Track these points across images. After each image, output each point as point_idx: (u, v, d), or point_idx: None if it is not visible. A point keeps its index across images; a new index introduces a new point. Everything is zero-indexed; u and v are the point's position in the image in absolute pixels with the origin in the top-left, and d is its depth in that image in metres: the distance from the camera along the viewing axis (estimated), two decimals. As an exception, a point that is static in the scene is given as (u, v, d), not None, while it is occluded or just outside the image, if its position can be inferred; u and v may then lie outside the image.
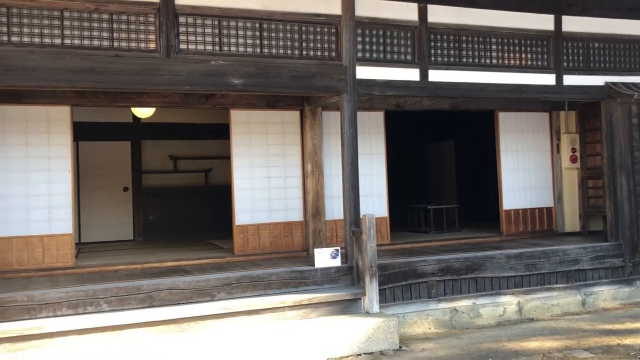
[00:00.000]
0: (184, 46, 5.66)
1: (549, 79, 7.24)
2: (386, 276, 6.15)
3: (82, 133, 8.63)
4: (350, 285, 5.94)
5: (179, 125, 10.63)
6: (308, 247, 7.35)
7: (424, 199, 11.69)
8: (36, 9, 5.23)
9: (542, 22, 7.22)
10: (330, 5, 6.19)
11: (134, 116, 9.80)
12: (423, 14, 6.64)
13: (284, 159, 7.50)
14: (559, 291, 7.00)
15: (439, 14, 6.70)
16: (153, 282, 5.37)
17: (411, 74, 6.58)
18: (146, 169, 10.67)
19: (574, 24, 7.36)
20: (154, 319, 5.08)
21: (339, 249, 6.06)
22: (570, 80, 7.33)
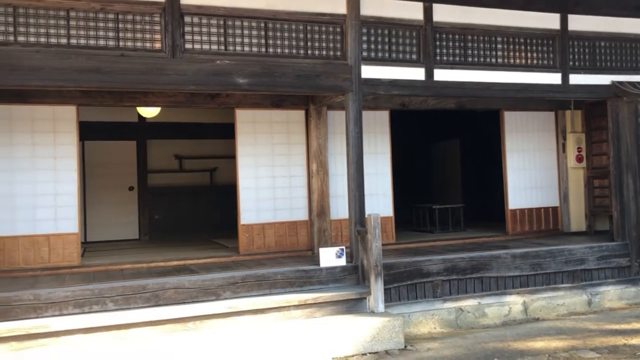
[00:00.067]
0: (189, 45, 5.67)
1: (554, 78, 7.22)
2: (391, 275, 6.15)
3: (87, 132, 8.67)
4: (355, 284, 5.94)
5: (184, 125, 10.65)
6: (313, 246, 7.35)
7: (429, 198, 11.67)
8: (42, 8, 5.25)
9: (548, 20, 7.20)
10: (335, 4, 6.19)
11: (139, 115, 9.84)
12: (428, 12, 6.63)
13: (288, 158, 7.50)
14: (564, 291, 6.98)
15: (444, 12, 6.69)
16: (158, 280, 5.39)
17: (416, 73, 6.58)
18: (151, 168, 10.70)
19: (579, 23, 7.34)
20: (160, 318, 5.09)
21: (343, 248, 6.06)
22: (576, 79, 7.31)
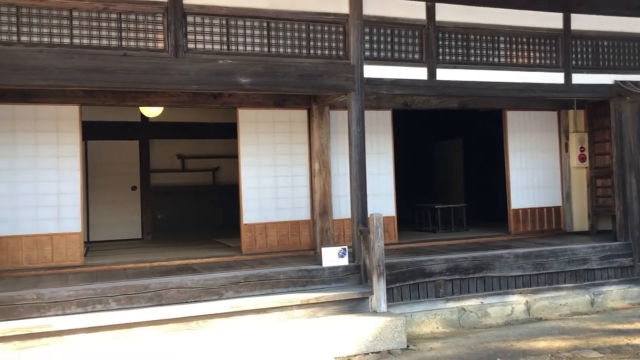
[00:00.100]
0: (191, 45, 5.68)
1: (557, 78, 7.20)
2: (393, 275, 6.15)
3: (90, 132, 8.67)
4: (357, 284, 5.94)
5: (186, 124, 10.65)
6: (315, 245, 7.36)
7: (432, 198, 11.66)
8: (45, 8, 5.26)
9: (551, 20, 7.19)
10: (337, 3, 6.19)
11: (142, 115, 9.85)
12: (431, 12, 6.63)
13: (291, 157, 7.50)
14: (567, 290, 6.97)
15: (447, 12, 6.68)
16: (161, 280, 5.39)
17: (419, 73, 6.58)
18: (154, 168, 10.71)
19: (582, 22, 7.32)
20: (162, 317, 5.10)
21: (346, 247, 6.06)
22: (578, 78, 7.30)
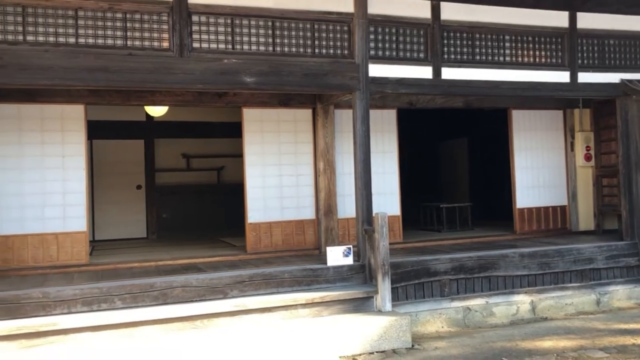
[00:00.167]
0: (196, 44, 5.68)
1: (563, 76, 7.18)
2: (398, 274, 6.14)
3: (95, 131, 8.69)
4: (362, 283, 5.94)
5: (191, 124, 10.67)
6: (320, 245, 7.35)
7: (437, 197, 11.64)
8: (50, 8, 5.28)
9: (557, 18, 7.16)
10: (342, 3, 6.18)
11: (147, 114, 9.87)
12: (436, 11, 6.62)
13: (295, 156, 7.50)
14: (572, 290, 6.94)
15: (452, 11, 6.67)
16: (166, 279, 5.41)
17: (424, 72, 6.57)
18: (159, 167, 10.72)
19: (588, 20, 7.30)
20: (167, 316, 5.11)
21: (351, 247, 6.06)
22: (584, 77, 7.27)
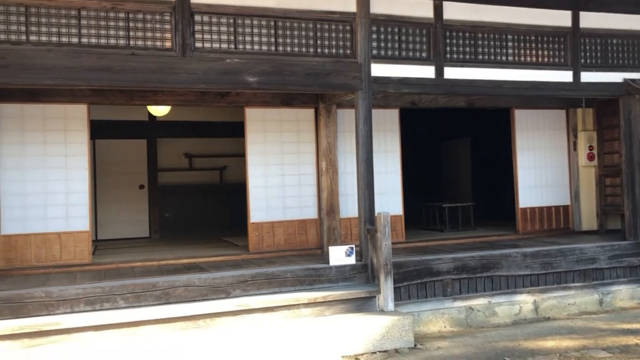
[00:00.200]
0: (199, 44, 5.69)
1: (566, 76, 7.17)
2: (401, 274, 6.14)
3: (98, 131, 8.69)
4: (364, 282, 5.94)
5: (194, 123, 10.67)
6: (322, 244, 7.35)
7: (439, 197, 11.63)
8: (53, 8, 5.29)
9: (559, 18, 7.15)
10: (344, 2, 6.18)
11: (150, 114, 9.87)
12: (438, 10, 6.61)
13: (298, 156, 7.50)
14: (575, 290, 6.93)
15: (454, 10, 6.66)
16: (168, 278, 5.41)
17: (426, 71, 6.56)
18: (161, 167, 10.73)
19: (591, 20, 7.28)
20: (170, 316, 5.11)
21: (353, 246, 6.06)
22: (587, 76, 7.26)
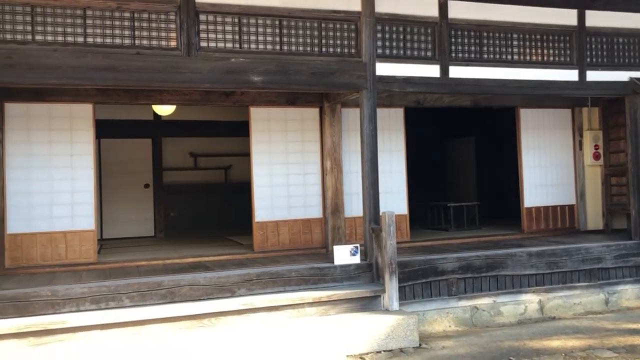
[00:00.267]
0: (204, 44, 5.70)
1: (571, 75, 7.14)
2: (406, 273, 6.13)
3: (103, 130, 8.73)
4: (369, 282, 5.94)
5: (198, 123, 10.69)
6: (327, 243, 7.35)
7: (444, 196, 11.62)
8: (59, 7, 5.30)
9: (565, 16, 7.13)
10: (349, 1, 6.18)
11: (155, 113, 9.91)
12: (443, 9, 6.60)
13: (302, 155, 7.50)
14: (581, 289, 6.91)
15: (460, 9, 6.65)
16: (174, 277, 5.43)
17: (431, 70, 6.55)
18: (166, 166, 10.76)
19: (597, 19, 7.26)
20: (175, 314, 5.13)
21: (358, 245, 6.05)
22: (593, 75, 7.23)
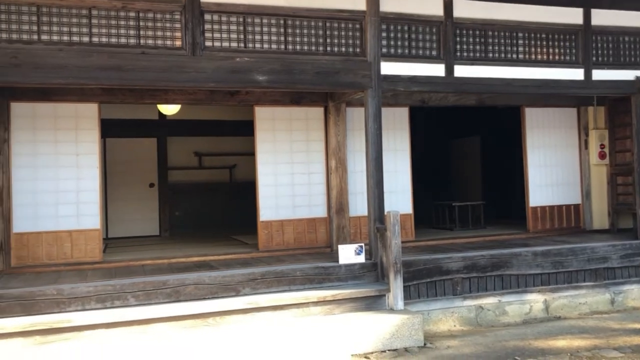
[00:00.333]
0: (209, 43, 5.70)
1: (577, 74, 7.12)
2: (410, 273, 6.12)
3: (109, 129, 8.75)
4: (374, 281, 5.93)
5: (203, 122, 10.70)
6: (332, 243, 7.35)
7: (449, 195, 11.59)
8: (65, 7, 5.32)
9: (571, 15, 7.10)
10: (354, 0, 6.17)
11: (160, 113, 9.92)
12: (448, 8, 6.59)
13: (307, 155, 7.50)
14: (586, 289, 6.88)
15: (465, 8, 6.64)
16: (179, 276, 5.44)
17: (436, 69, 6.54)
18: (171, 165, 10.78)
19: (603, 17, 7.23)
20: (180, 314, 5.14)
21: (362, 245, 6.05)
22: (599, 74, 7.20)
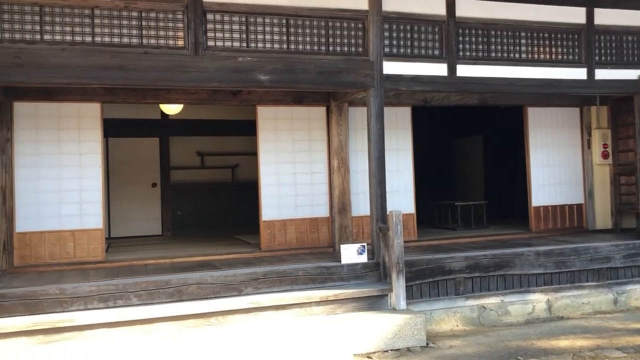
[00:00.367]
0: (211, 43, 5.71)
1: (580, 73, 7.11)
2: (413, 272, 6.12)
3: (111, 129, 8.76)
4: (376, 281, 5.93)
5: (206, 122, 10.71)
6: (334, 242, 7.35)
7: (451, 195, 11.58)
8: (67, 7, 5.33)
9: (573, 14, 7.09)
10: (356, 0, 6.17)
11: (162, 112, 9.93)
12: (451, 8, 6.58)
13: (309, 154, 7.50)
14: (589, 289, 6.87)
15: (467, 7, 6.63)
16: (181, 276, 5.44)
17: (438, 69, 6.54)
18: (174, 165, 10.79)
19: (606, 17, 7.21)
20: (183, 313, 5.14)
21: (365, 244, 6.05)
22: (602, 74, 7.19)
